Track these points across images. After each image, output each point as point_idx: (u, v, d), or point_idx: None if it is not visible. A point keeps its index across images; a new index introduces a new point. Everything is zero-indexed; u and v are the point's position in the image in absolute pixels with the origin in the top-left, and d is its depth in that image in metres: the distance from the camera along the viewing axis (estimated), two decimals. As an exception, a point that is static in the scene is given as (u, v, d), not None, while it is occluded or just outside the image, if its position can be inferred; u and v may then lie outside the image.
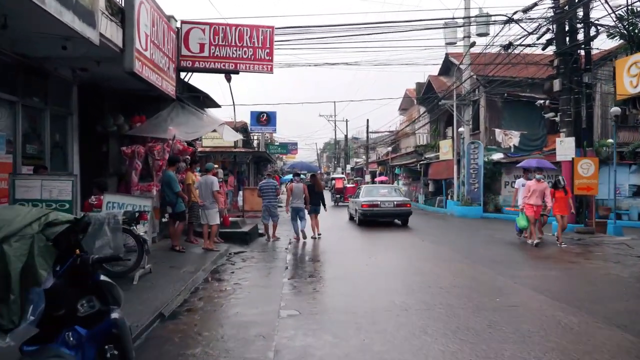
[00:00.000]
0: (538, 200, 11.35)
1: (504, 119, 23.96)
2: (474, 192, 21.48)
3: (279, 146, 44.79)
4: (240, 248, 10.94)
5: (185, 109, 10.62)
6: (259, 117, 30.91)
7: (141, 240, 6.74)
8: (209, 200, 10.01)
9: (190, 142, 12.36)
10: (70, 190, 6.24)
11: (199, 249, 9.94)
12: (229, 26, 10.89)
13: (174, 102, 10.58)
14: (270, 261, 9.59)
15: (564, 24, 14.47)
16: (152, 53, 8.46)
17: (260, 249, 11.15)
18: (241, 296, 6.61)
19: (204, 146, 23.43)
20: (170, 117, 10.29)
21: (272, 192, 12.65)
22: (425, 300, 6.21)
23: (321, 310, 5.83)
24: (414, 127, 35.62)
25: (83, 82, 9.48)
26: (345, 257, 10.07)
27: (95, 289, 2.78)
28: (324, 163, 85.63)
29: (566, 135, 14.63)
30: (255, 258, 9.92)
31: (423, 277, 7.79)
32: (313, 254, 10.76)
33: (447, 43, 23.12)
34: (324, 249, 11.33)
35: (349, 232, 14.96)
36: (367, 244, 12.21)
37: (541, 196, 11.38)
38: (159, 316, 5.53)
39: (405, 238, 13.43)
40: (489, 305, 5.99)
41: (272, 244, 12.01)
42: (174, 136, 9.67)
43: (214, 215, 10.07)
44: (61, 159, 9.15)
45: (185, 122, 10.34)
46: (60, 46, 7.06)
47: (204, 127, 10.64)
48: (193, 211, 10.49)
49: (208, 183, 10.19)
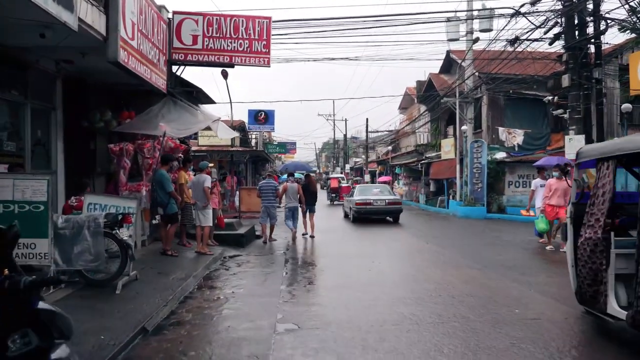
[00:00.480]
0: (560, 200, 10.28)
1: (507, 117, 23.43)
2: (478, 192, 20.90)
3: (277, 145, 44.26)
4: (236, 251, 10.36)
5: (177, 104, 10.04)
6: (257, 115, 30.33)
7: (125, 245, 6.15)
8: (201, 201, 9.43)
9: (183, 140, 11.77)
10: (45, 191, 5.64)
11: (191, 252, 9.36)
12: (223, 17, 10.30)
13: (165, 97, 10.00)
14: (266, 266, 9.00)
15: (573, 17, 13.91)
16: (140, 43, 7.87)
17: (257, 252, 10.56)
18: (234, 307, 6.03)
19: (200, 145, 22.85)
20: (162, 113, 9.70)
21: (272, 193, 12.29)
22: (437, 312, 5.64)
23: (322, 324, 5.24)
24: (415, 126, 35.08)
25: (69, 76, 8.89)
26: (347, 261, 9.49)
27: (33, 320, 2.14)
28: (322, 163, 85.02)
29: (576, 132, 14.06)
30: (251, 262, 9.34)
31: (432, 284, 7.20)
32: (312, 258, 10.18)
33: (449, 39, 22.59)
34: (323, 252, 10.75)
35: (348, 233, 14.38)
36: (368, 246, 11.63)
37: (563, 195, 10.21)
38: (141, 331, 4.94)
39: (409, 241, 12.86)
40: (508, 317, 5.42)
41: (269, 247, 11.43)
42: (164, 133, 9.08)
43: (207, 217, 9.49)
44: (44, 157, 8.56)
45: (177, 118, 9.76)
46: (38, 34, 6.51)
47: (197, 123, 10.05)
48: (186, 212, 9.92)
49: (200, 182, 9.62)
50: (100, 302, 5.64)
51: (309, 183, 13.83)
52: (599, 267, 4.60)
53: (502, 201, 21.63)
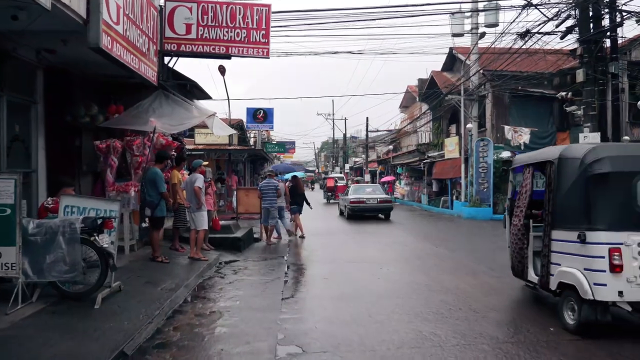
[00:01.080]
0: None
1: (512, 115, 22.76)
2: (484, 192, 20.22)
3: (276, 145, 43.52)
4: (232, 256, 9.64)
5: (169, 98, 9.30)
6: (256, 113, 29.64)
7: (105, 253, 5.43)
8: (192, 202, 8.73)
9: (177, 137, 11.06)
10: (13, 192, 4.93)
11: (184, 258, 8.65)
12: (219, 4, 9.56)
13: (157, 90, 9.27)
14: (265, 273, 8.29)
15: (588, 9, 13.22)
16: (126, 29, 7.14)
17: (256, 257, 9.84)
18: (229, 323, 5.32)
19: (196, 143, 22.10)
20: (153, 107, 8.97)
21: (273, 193, 11.85)
22: (460, 331, 4.93)
23: (330, 346, 4.53)
24: (416, 125, 34.42)
25: (51, 67, 8.16)
26: (353, 267, 8.79)
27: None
28: (321, 162, 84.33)
29: (590, 130, 13.34)
30: (248, 269, 8.63)
31: (449, 295, 6.50)
32: (315, 264, 9.47)
33: (453, 34, 21.91)
34: (327, 257, 10.05)
35: (351, 236, 13.67)
36: (374, 250, 10.93)
37: None
38: (119, 356, 4.24)
39: (415, 244, 12.16)
40: (543, 338, 4.72)
41: (268, 251, 10.73)
42: (154, 129, 8.37)
43: (201, 219, 8.77)
44: (22, 155, 7.83)
45: (169, 113, 9.03)
46: (9, 16, 5.81)
47: (191, 119, 9.29)
48: (179, 215, 9.21)
49: (193, 181, 8.89)
50: (75, 319, 4.92)
51: (297, 185, 13.77)
52: (522, 246, 5.97)
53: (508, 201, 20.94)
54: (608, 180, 4.79)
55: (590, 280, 4.62)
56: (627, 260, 4.53)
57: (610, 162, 4.82)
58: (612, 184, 4.79)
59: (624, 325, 5.13)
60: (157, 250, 7.96)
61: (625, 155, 5.07)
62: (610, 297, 4.54)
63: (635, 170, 4.83)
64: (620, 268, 4.50)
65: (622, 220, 4.69)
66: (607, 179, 4.79)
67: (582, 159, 4.97)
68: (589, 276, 4.64)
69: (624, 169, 4.83)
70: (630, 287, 4.51)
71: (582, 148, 5.20)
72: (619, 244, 4.56)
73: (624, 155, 5.06)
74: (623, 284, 4.51)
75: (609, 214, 4.74)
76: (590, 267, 4.67)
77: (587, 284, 4.60)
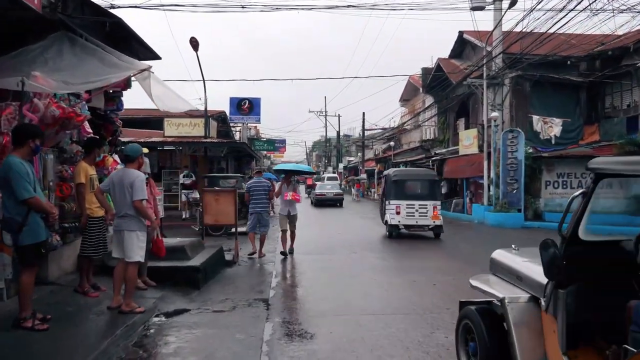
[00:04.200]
0: None
1: (533, 105, 19.51)
2: (513, 195, 16.79)
3: (265, 142, 39.99)
4: (182, 300, 5.99)
5: (77, 44, 5.70)
6: (240, 104, 26.10)
7: None
8: (128, 214, 5.12)
9: (108, 115, 7.46)
10: None
11: (100, 309, 5.04)
12: None
13: (57, 32, 5.68)
14: (230, 338, 4.71)
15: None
16: None
17: (221, 298, 6.22)
18: None
19: (165, 136, 18.40)
20: (46, 56, 5.39)
21: (264, 194, 9.67)
22: None
23: None
24: (419, 120, 31.09)
25: None
26: (366, 301, 5.27)
27: None
28: (313, 162, 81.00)
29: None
30: (206, 325, 5.05)
31: None
32: (320, 318, 5.91)
33: (472, 8, 18.55)
34: (326, 283, 6.53)
35: (352, 237, 10.14)
36: (390, 268, 7.42)
37: None
38: None
39: (443, 262, 8.64)
40: None
41: (242, 283, 7.18)
42: (24, 86, 4.73)
43: (134, 246, 5.13)
44: None
45: (74, 65, 5.42)
46: None
47: (106, 75, 5.58)
48: (91, 234, 5.59)
49: (126, 182, 5.20)
50: None
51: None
52: None
53: (539, 205, 17.58)
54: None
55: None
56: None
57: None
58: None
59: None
60: (26, 306, 4.28)
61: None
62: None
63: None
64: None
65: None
66: None
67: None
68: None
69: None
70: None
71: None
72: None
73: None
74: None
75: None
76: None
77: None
